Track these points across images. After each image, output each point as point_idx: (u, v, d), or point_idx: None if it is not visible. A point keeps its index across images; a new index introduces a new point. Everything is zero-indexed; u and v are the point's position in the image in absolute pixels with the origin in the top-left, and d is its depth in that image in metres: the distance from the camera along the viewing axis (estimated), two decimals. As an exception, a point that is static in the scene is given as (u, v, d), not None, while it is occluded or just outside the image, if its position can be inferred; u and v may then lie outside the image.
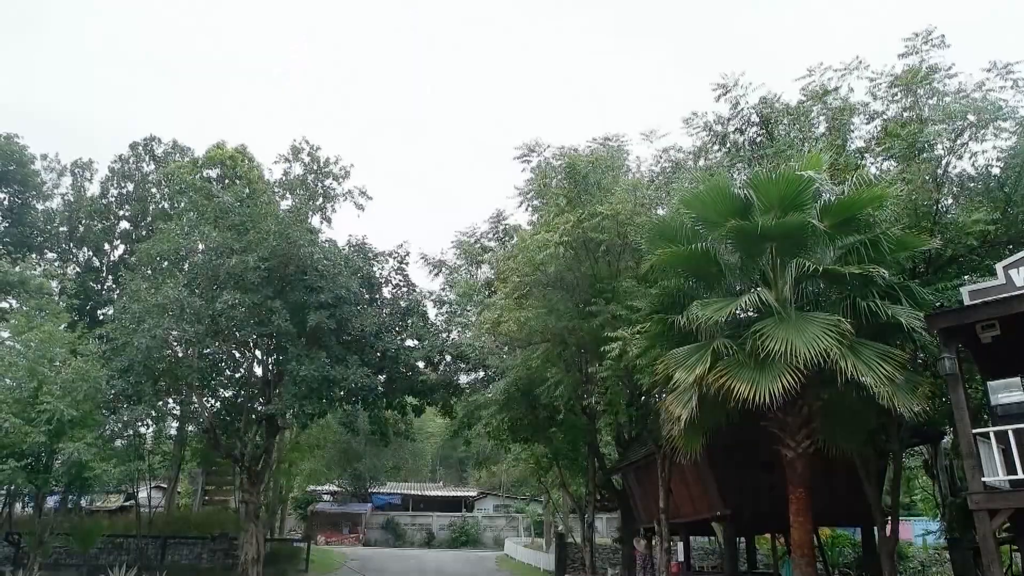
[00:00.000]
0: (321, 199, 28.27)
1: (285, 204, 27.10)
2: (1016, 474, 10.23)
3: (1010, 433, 10.31)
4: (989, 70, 14.15)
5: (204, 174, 28.07)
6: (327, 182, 28.06)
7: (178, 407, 28.01)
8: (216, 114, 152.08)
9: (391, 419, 30.54)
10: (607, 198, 15.90)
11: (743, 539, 23.70)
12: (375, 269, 28.51)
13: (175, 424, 29.69)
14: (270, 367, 27.10)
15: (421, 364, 27.39)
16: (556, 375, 17.41)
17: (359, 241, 28.51)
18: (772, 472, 13.63)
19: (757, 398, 11.01)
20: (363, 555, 39.78)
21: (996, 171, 14.37)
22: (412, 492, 58.62)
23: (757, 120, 17.24)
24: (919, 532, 30.29)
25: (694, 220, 13.35)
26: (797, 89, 16.55)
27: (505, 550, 44.78)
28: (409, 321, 28.25)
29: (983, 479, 10.42)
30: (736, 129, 17.35)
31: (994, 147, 14.30)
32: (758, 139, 17.17)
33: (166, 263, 24.68)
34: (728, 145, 17.41)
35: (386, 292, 29.05)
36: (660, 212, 16.24)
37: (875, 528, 16.41)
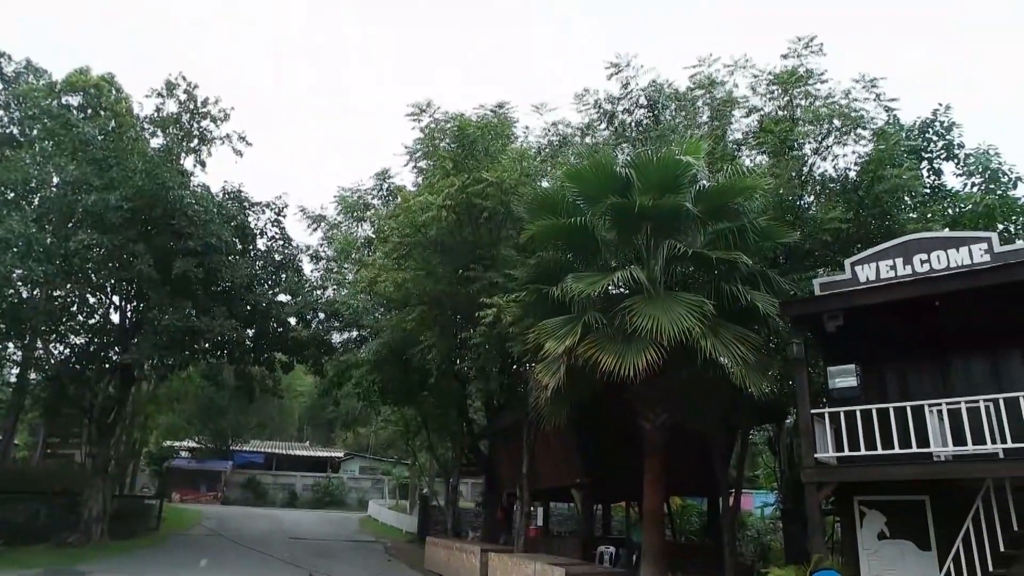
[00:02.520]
0: (196, 140, 26.54)
1: (156, 142, 25.30)
2: (843, 451, 11.17)
3: (841, 414, 11.23)
4: (857, 81, 15.14)
5: (63, 101, 25.65)
6: (204, 123, 26.34)
7: (19, 352, 25.86)
8: (83, 42, 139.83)
9: (258, 375, 29.57)
10: (494, 165, 15.88)
11: (600, 506, 24.74)
12: (250, 219, 27.30)
13: (15, 370, 27.45)
14: (128, 314, 25.53)
15: (293, 320, 26.59)
16: (430, 338, 17.34)
17: (235, 189, 27.18)
18: (630, 443, 14.22)
19: (622, 371, 11.44)
20: (221, 514, 38.57)
21: (853, 175, 15.43)
22: (276, 451, 57.20)
23: (646, 103, 17.71)
24: (759, 503, 32.67)
25: (576, 194, 13.60)
26: (687, 76, 17.13)
27: (369, 512, 44.71)
28: (283, 275, 27.35)
29: (816, 455, 11.32)
30: (624, 110, 17.76)
31: (853, 152, 15.38)
32: (644, 121, 17.64)
33: (12, 194, 22.50)
34: (616, 124, 17.80)
35: (261, 244, 27.94)
36: (544, 184, 16.41)
37: (720, 499, 17.52)
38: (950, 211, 15.87)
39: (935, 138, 17.94)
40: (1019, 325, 10.91)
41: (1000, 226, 14.73)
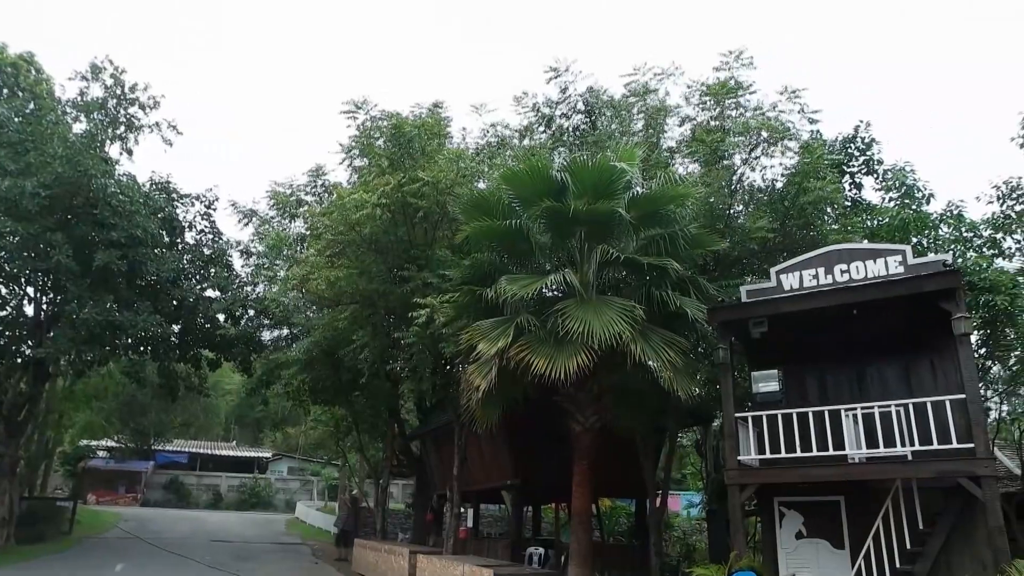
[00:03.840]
0: (123, 128, 25.56)
1: (78, 127, 24.24)
2: (765, 454, 11.52)
3: (764, 418, 11.58)
4: (782, 93, 15.62)
5: (-24, 80, 24.34)
6: (131, 110, 25.37)
7: (-80, 344, 24.42)
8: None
9: (183, 372, 28.69)
10: (430, 165, 15.78)
11: (530, 507, 24.86)
12: (179, 211, 26.57)
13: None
14: (44, 307, 24.40)
15: (221, 316, 25.91)
16: (363, 338, 17.11)
17: (163, 179, 26.38)
18: (561, 445, 14.33)
19: (553, 374, 11.52)
20: (140, 516, 37.23)
21: (780, 186, 15.93)
22: (201, 451, 55.57)
23: (583, 108, 17.90)
24: (685, 504, 33.42)
25: (512, 197, 13.63)
26: (623, 84, 17.38)
27: (296, 513, 43.90)
28: (212, 270, 26.65)
29: (739, 457, 11.64)
30: (562, 114, 17.90)
31: (780, 163, 15.85)
32: (582, 126, 17.82)
33: (-83, 178, 21.25)
34: (553, 128, 17.92)
35: (189, 237, 27.19)
36: (481, 185, 16.39)
37: (648, 500, 17.82)
38: (869, 223, 16.52)
39: (856, 153, 18.69)
40: (929, 334, 11.45)
41: (914, 239, 15.40)
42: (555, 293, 13.47)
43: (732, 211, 15.87)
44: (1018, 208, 16.32)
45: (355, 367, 18.20)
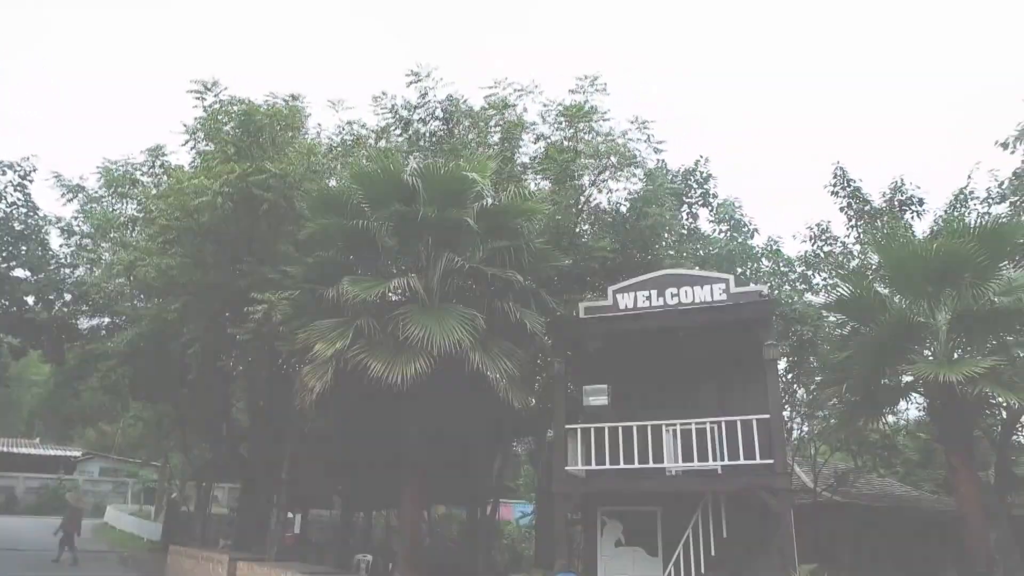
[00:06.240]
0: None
1: None
2: (591, 465, 12.00)
3: (592, 430, 12.07)
4: (632, 122, 16.45)
5: None
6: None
7: None
8: None
9: (-21, 360, 25.75)
10: (280, 156, 15.19)
11: (362, 513, 24.40)
12: (-14, 180, 23.82)
13: None
14: None
15: (31, 299, 23.49)
16: (194, 331, 16.13)
17: (-31, 143, 23.63)
18: (395, 451, 14.20)
19: (391, 378, 11.43)
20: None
21: (624, 209, 16.72)
22: (-6, 449, 49.95)
23: (442, 115, 17.90)
24: (519, 513, 34.07)
25: (362, 197, 13.44)
26: (483, 96, 17.57)
27: (105, 518, 40.47)
28: (23, 247, 24.08)
29: (567, 467, 12.05)
30: (420, 119, 17.82)
31: (625, 188, 16.66)
32: (439, 133, 17.82)
33: None
34: (411, 132, 17.80)
35: (-2, 209, 24.43)
36: (332, 183, 15.99)
37: (480, 508, 18.04)
38: (701, 252, 17.74)
39: (695, 185, 20.05)
40: (744, 357, 12.40)
41: (739, 269, 16.71)
42: (399, 297, 13.36)
43: (577, 229, 16.46)
44: (826, 248, 18.15)
45: (184, 362, 17.10)
